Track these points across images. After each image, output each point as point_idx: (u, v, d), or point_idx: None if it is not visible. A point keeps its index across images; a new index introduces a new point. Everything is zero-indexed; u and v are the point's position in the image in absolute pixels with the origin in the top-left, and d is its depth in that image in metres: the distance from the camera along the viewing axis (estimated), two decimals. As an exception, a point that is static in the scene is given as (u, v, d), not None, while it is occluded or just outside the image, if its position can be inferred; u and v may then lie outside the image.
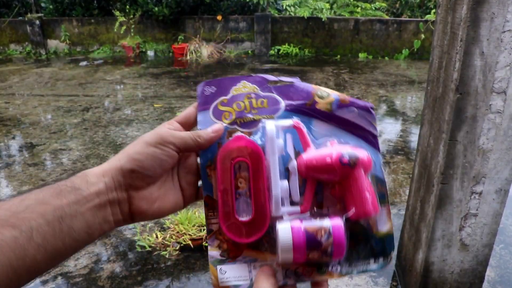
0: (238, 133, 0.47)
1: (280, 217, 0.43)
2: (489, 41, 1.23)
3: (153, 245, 2.22)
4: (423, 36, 7.02)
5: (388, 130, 3.95)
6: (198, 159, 0.47)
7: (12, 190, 2.85)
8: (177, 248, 2.19)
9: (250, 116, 0.47)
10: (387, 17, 7.83)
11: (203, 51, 7.59)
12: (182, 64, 7.16)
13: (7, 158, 3.38)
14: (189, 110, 0.49)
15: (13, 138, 3.81)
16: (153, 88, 5.48)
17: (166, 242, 2.23)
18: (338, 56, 7.66)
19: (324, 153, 0.44)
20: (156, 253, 2.17)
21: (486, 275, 1.66)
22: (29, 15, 8.02)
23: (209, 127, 0.46)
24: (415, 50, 7.31)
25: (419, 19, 7.55)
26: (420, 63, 7.03)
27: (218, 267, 0.44)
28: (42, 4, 8.72)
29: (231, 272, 0.44)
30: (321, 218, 0.42)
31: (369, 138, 0.49)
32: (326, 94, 0.48)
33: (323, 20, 7.52)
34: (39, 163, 3.25)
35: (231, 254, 0.45)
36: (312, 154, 0.45)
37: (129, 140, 3.67)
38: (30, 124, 4.13)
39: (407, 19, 7.73)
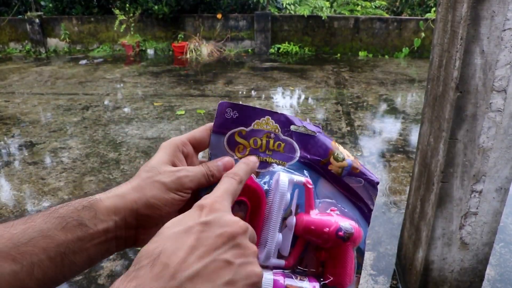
0: None
1: (266, 267, 0.44)
2: (489, 39, 1.23)
3: (153, 243, 2.22)
4: (423, 34, 7.02)
5: (388, 128, 3.94)
6: None
7: (12, 188, 2.85)
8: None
9: (263, 156, 0.47)
10: (387, 16, 7.82)
11: (203, 49, 7.58)
12: (182, 63, 7.15)
13: (7, 157, 3.38)
14: (203, 132, 0.47)
15: (13, 136, 3.80)
16: (153, 87, 5.48)
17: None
18: (338, 55, 7.65)
19: (324, 221, 0.45)
20: (156, 251, 2.17)
21: (486, 274, 1.66)
22: (28, 13, 8.01)
23: (220, 161, 0.45)
24: (415, 48, 7.30)
25: (419, 17, 7.55)
26: (420, 62, 7.02)
27: None
28: (42, 3, 8.71)
29: None
30: (302, 279, 0.44)
31: (365, 211, 0.50)
32: (342, 158, 0.48)
33: (323, 18, 7.51)
34: (39, 162, 3.25)
35: None
36: (313, 218, 0.46)
37: (129, 139, 3.67)
38: (30, 123, 4.13)
39: (407, 17, 7.72)
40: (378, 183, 0.50)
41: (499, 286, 1.89)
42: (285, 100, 4.95)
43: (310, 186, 0.46)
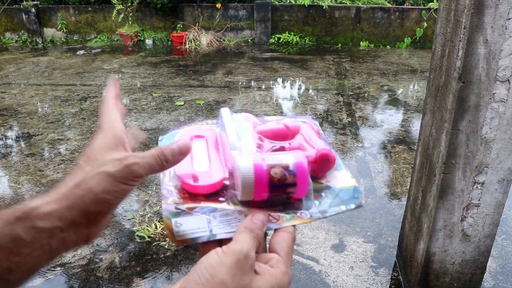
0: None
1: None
2: (493, 28, 1.20)
3: (152, 235, 2.21)
4: (425, 24, 6.94)
5: (390, 119, 3.91)
6: None
7: (10, 180, 2.83)
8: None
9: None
10: (389, 5, 7.72)
11: (202, 39, 7.51)
12: (181, 53, 7.09)
13: (4, 149, 3.36)
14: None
15: (10, 128, 3.78)
16: (152, 77, 5.43)
17: (165, 233, 2.22)
18: (339, 45, 7.58)
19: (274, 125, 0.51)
20: (155, 243, 2.17)
21: (487, 266, 1.65)
22: (24, 3, 7.91)
23: (176, 144, 0.41)
24: (418, 38, 7.23)
25: (421, 7, 7.45)
26: (422, 52, 6.96)
27: (173, 220, 0.41)
28: (39, -8, 8.60)
29: (187, 225, 0.41)
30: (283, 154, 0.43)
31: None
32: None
33: (324, 8, 7.42)
34: (36, 153, 3.23)
35: (187, 207, 0.42)
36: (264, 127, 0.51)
37: (128, 130, 3.64)
38: (27, 114, 4.10)
39: (410, 7, 7.63)
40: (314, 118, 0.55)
41: (501, 278, 1.88)
42: (285, 91, 4.91)
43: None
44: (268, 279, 0.35)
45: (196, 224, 0.41)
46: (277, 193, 0.41)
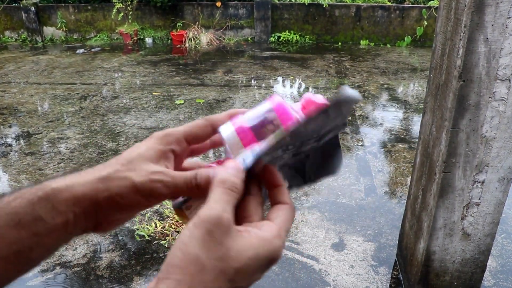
0: None
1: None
2: (493, 27, 1.20)
3: (152, 234, 2.21)
4: (425, 23, 6.93)
5: (390, 118, 3.91)
6: None
7: (9, 179, 2.83)
8: (176, 238, 2.18)
9: None
10: (389, 3, 7.71)
11: (202, 38, 7.50)
12: (180, 52, 7.08)
13: (4, 147, 3.35)
14: (203, 128, 0.41)
15: (10, 127, 3.77)
16: (152, 76, 5.43)
17: (165, 231, 2.22)
18: (339, 43, 7.57)
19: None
20: (155, 242, 2.16)
21: (487, 265, 1.65)
22: (24, 1, 7.90)
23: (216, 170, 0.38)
24: (418, 37, 7.22)
25: (422, 5, 7.44)
26: (422, 51, 6.95)
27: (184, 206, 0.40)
28: (38, -9, 8.59)
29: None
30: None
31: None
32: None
33: (324, 6, 7.41)
34: (36, 152, 3.22)
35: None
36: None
37: (127, 129, 3.64)
38: (27, 113, 4.09)
39: (410, 5, 7.61)
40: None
41: (501, 277, 1.88)
42: (285, 90, 4.90)
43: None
44: (252, 242, 0.32)
45: None
46: (264, 132, 0.39)
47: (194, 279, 0.30)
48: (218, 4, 7.64)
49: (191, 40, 7.46)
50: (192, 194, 0.38)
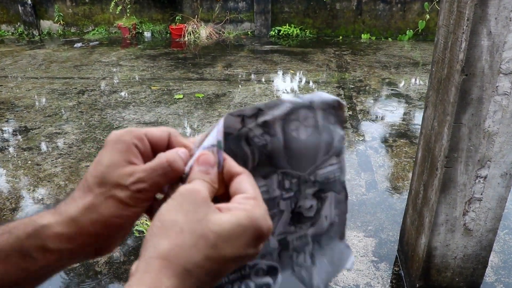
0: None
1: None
2: (497, 20, 1.17)
3: (150, 230, 2.20)
4: (428, 16, 6.88)
5: (391, 113, 3.88)
6: None
7: (7, 175, 2.81)
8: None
9: None
10: (389, -4, 7.65)
11: (202, 32, 7.45)
12: (180, 46, 7.03)
13: (1, 142, 3.33)
14: (162, 133, 0.40)
15: (7, 121, 3.75)
16: (150, 70, 5.39)
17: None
18: (340, 37, 7.52)
19: None
20: (153, 238, 2.15)
21: (489, 261, 1.63)
22: (22, -5, 7.84)
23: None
24: (420, 31, 7.17)
25: (422, -2, 7.38)
26: (424, 45, 6.90)
27: None
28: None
29: None
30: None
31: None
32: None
33: (324, 0, 7.36)
34: (34, 147, 3.20)
35: None
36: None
37: (126, 123, 3.62)
38: (24, 108, 4.06)
39: (410, -2, 7.55)
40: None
41: (503, 273, 1.87)
42: (285, 84, 4.87)
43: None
44: (234, 214, 0.31)
45: None
46: None
47: (172, 242, 0.29)
48: (218, -3, 7.58)
49: (190, 34, 7.41)
50: (170, 177, 0.37)
